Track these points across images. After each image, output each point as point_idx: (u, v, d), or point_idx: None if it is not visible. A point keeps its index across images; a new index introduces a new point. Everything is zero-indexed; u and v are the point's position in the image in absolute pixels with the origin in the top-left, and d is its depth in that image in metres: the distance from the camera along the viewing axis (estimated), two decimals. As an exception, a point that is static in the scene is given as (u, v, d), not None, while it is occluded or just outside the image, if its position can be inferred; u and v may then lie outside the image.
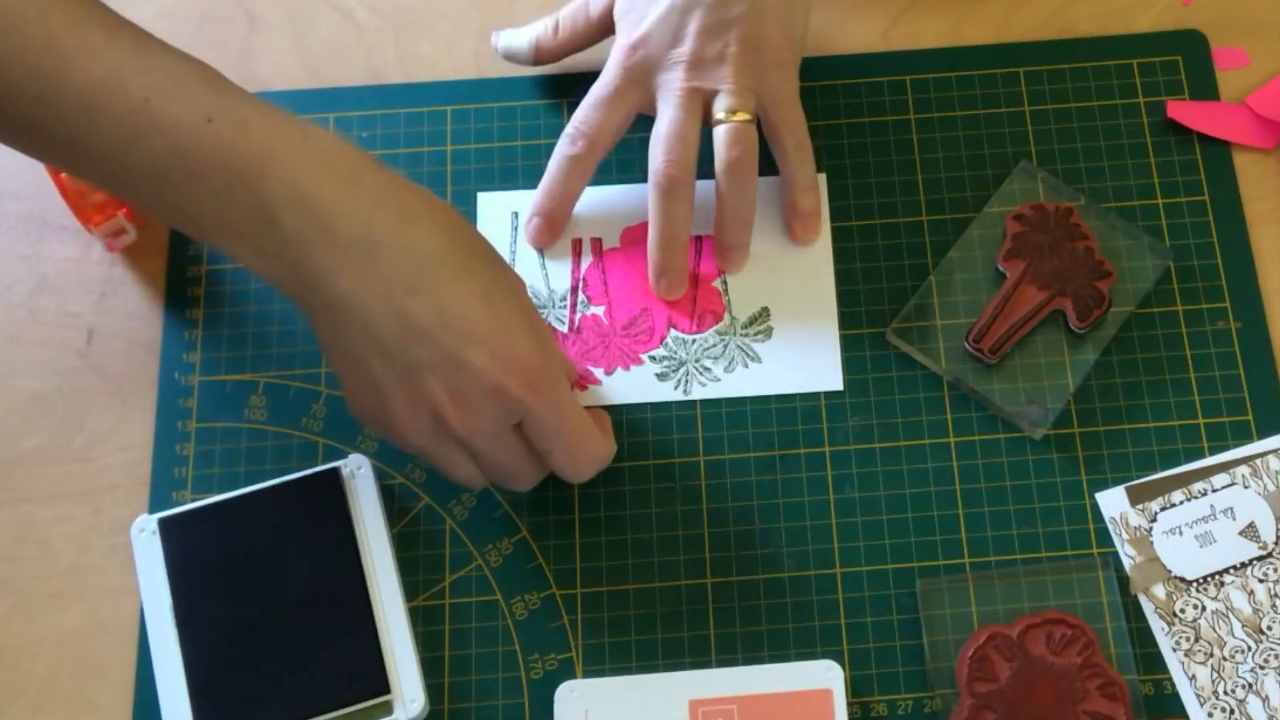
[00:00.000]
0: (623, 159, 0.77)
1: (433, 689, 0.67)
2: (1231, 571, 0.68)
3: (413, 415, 0.61)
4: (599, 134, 0.73)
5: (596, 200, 0.76)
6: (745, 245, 0.74)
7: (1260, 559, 0.68)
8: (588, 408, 0.67)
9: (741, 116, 0.71)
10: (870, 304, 0.74)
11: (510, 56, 0.79)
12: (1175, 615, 0.67)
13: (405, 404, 0.61)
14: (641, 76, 0.72)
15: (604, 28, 0.77)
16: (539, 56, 0.78)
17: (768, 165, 0.75)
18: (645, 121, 0.74)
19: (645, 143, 0.73)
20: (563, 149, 0.73)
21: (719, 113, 0.71)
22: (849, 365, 0.73)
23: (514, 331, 0.61)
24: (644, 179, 0.73)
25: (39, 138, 0.59)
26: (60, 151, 0.60)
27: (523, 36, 0.78)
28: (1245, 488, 0.69)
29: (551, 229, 0.75)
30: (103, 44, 0.57)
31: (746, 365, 0.73)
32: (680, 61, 0.71)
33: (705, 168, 0.72)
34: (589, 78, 0.75)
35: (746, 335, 0.74)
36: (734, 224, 0.73)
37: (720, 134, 0.71)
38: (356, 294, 0.59)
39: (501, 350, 0.60)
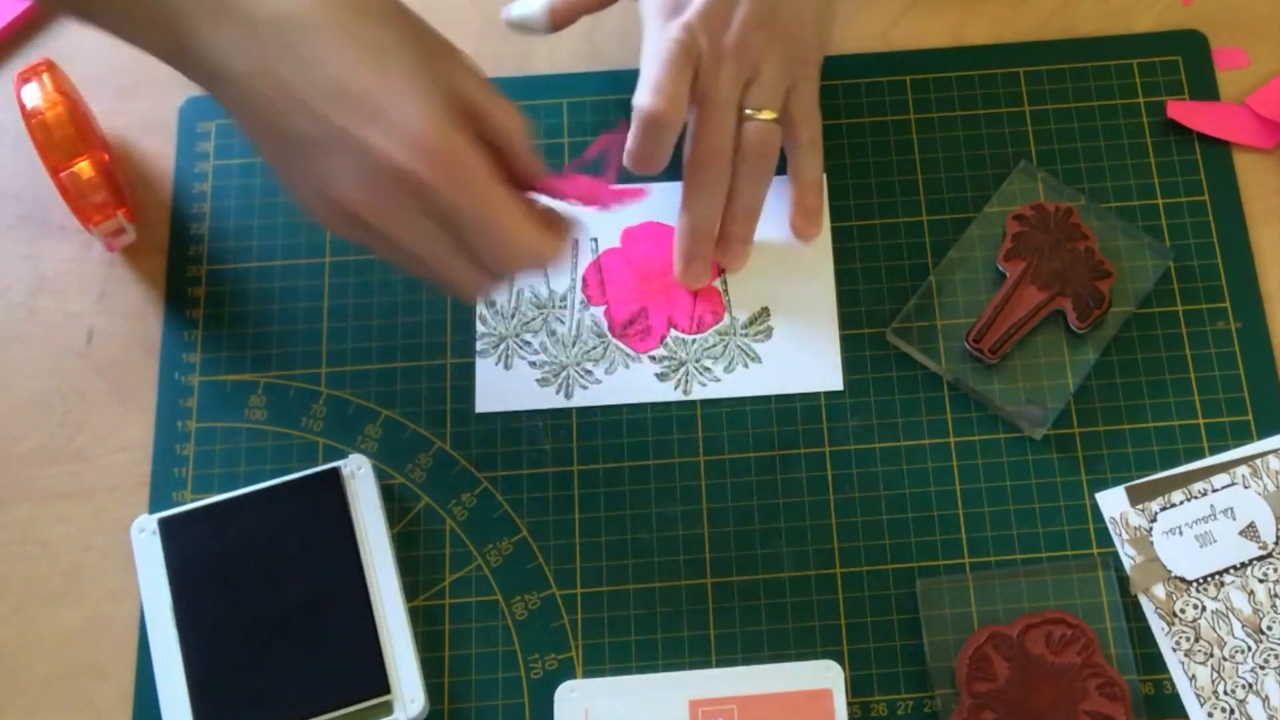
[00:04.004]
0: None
1: (433, 689, 0.67)
2: (1231, 571, 0.68)
3: (316, 198, 0.56)
4: (683, 101, 0.69)
5: (596, 200, 0.77)
6: (748, 240, 0.74)
7: (1260, 559, 0.68)
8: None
9: (768, 115, 0.70)
10: (870, 304, 0.74)
11: (523, 26, 0.76)
12: (1175, 615, 0.67)
13: (307, 186, 0.56)
14: (691, 57, 0.69)
15: None
16: (554, 19, 0.75)
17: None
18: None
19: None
20: (647, 111, 0.68)
21: (749, 108, 0.70)
22: (849, 365, 0.73)
23: (404, 96, 0.54)
24: (643, 180, 0.72)
25: None
26: None
27: (534, 2, 0.75)
28: (1245, 488, 0.69)
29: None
30: None
31: (746, 365, 0.73)
32: (724, 52, 0.69)
33: (705, 168, 0.72)
34: (589, 78, 0.75)
35: (746, 335, 0.74)
36: (741, 217, 0.73)
37: (748, 131, 0.70)
38: (229, 62, 0.55)
39: (391, 118, 0.54)
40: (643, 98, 0.68)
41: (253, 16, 0.55)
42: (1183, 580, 0.68)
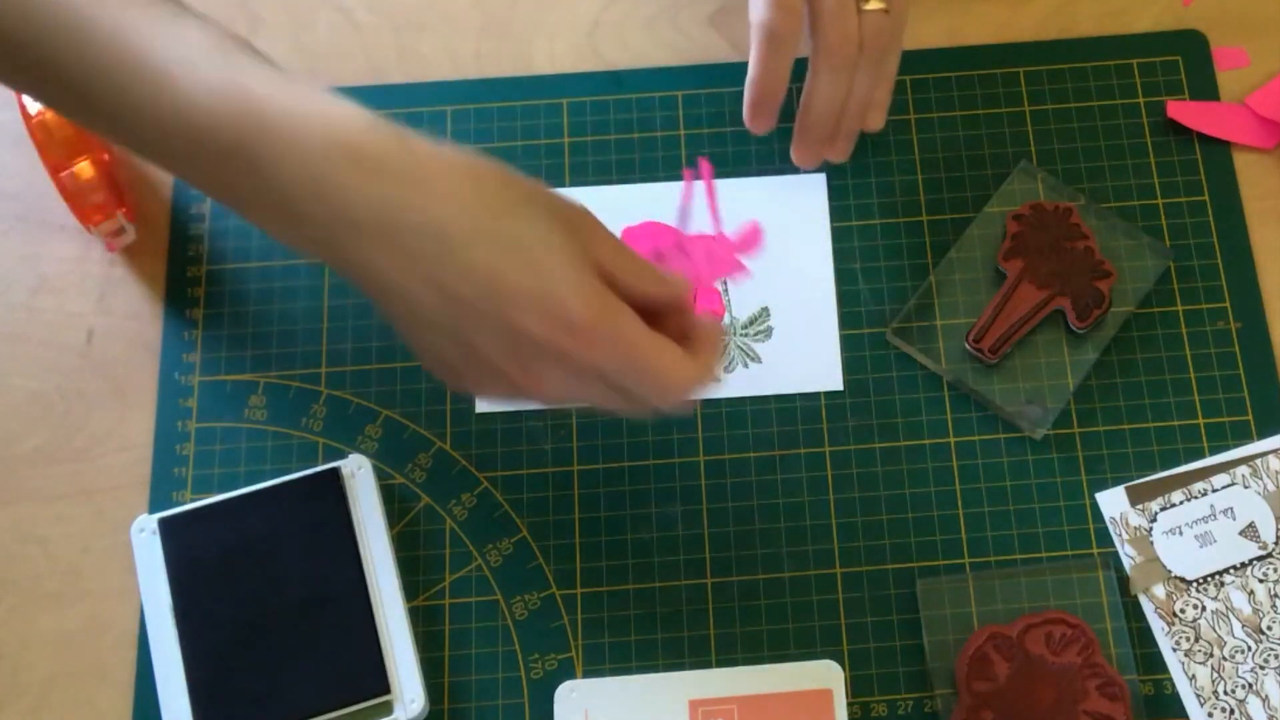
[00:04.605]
0: (622, 159, 0.77)
1: (433, 689, 0.67)
2: (1231, 571, 0.68)
3: (479, 379, 0.60)
4: (800, 11, 0.68)
5: (596, 200, 0.76)
6: (857, 133, 0.73)
7: (1260, 559, 0.68)
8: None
9: (878, 4, 0.69)
10: (870, 304, 0.74)
11: None
12: (1175, 615, 0.67)
13: (471, 370, 0.59)
14: None
15: None
16: None
17: (765, 166, 0.75)
18: (629, 122, 0.74)
19: (640, 144, 0.73)
20: (767, 24, 0.68)
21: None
22: (849, 365, 0.73)
23: (560, 285, 0.57)
24: (643, 179, 0.73)
25: (28, 63, 0.58)
26: (54, 85, 0.58)
27: None
28: (1245, 488, 0.69)
29: (771, 117, 0.72)
30: None
31: (746, 365, 0.73)
32: None
33: (715, 168, 0.73)
34: (589, 78, 0.75)
35: (746, 335, 0.74)
36: (856, 111, 0.71)
37: (869, 23, 0.69)
38: (386, 271, 0.57)
39: (549, 309, 0.57)
40: (759, 11, 0.68)
41: (400, 226, 0.56)
42: (1183, 580, 0.68)
